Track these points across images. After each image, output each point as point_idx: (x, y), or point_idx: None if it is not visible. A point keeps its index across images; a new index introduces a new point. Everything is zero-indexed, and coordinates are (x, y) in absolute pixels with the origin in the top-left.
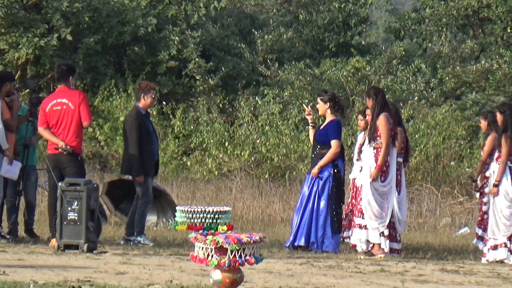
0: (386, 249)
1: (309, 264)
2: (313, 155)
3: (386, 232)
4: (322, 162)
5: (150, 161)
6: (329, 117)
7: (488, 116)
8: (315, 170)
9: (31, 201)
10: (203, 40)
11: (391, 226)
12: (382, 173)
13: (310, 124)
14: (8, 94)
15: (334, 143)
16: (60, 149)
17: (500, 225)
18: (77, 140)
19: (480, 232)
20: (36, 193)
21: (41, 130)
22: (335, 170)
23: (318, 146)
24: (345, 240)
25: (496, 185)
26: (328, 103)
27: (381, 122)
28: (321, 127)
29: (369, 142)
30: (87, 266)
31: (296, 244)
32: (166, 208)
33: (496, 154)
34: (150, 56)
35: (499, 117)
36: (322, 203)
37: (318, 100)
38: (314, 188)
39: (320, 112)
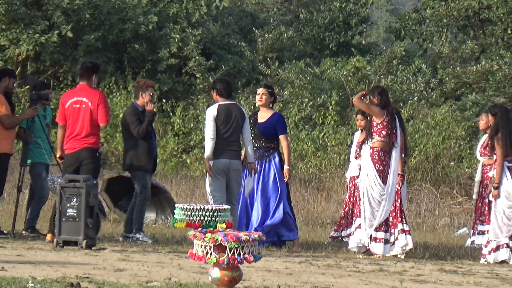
0: (383, 252)
1: (307, 262)
2: (255, 147)
3: (382, 236)
4: (288, 160)
5: (148, 158)
6: (270, 110)
7: None
8: (288, 172)
9: (40, 197)
10: (203, 38)
11: (388, 227)
12: (379, 173)
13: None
14: (7, 90)
15: (285, 137)
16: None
17: (502, 227)
18: (95, 137)
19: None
20: (47, 189)
21: (59, 126)
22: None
23: (263, 139)
24: (344, 239)
25: (496, 188)
26: (272, 97)
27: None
28: (263, 120)
29: (367, 141)
30: (85, 262)
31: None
32: (165, 205)
33: (495, 157)
34: (150, 54)
35: (490, 119)
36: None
37: (265, 91)
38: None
39: (262, 103)
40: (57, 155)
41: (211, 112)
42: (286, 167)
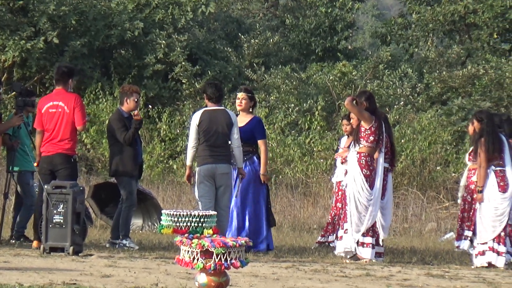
0: (371, 257)
1: (294, 268)
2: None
3: (369, 241)
4: (264, 166)
5: (134, 164)
6: (250, 114)
7: None
8: (264, 177)
9: (29, 205)
10: (189, 44)
11: (374, 232)
12: (367, 178)
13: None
14: None
15: (264, 142)
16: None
17: (487, 228)
18: (71, 142)
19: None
20: (35, 196)
21: (37, 132)
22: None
23: (242, 143)
24: (331, 244)
25: (480, 191)
26: (252, 101)
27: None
28: (242, 124)
29: (354, 145)
30: (72, 268)
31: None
32: (152, 211)
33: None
34: (136, 60)
35: (476, 124)
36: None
37: (245, 95)
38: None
39: (242, 108)
40: (36, 160)
41: (194, 120)
42: (261, 174)
